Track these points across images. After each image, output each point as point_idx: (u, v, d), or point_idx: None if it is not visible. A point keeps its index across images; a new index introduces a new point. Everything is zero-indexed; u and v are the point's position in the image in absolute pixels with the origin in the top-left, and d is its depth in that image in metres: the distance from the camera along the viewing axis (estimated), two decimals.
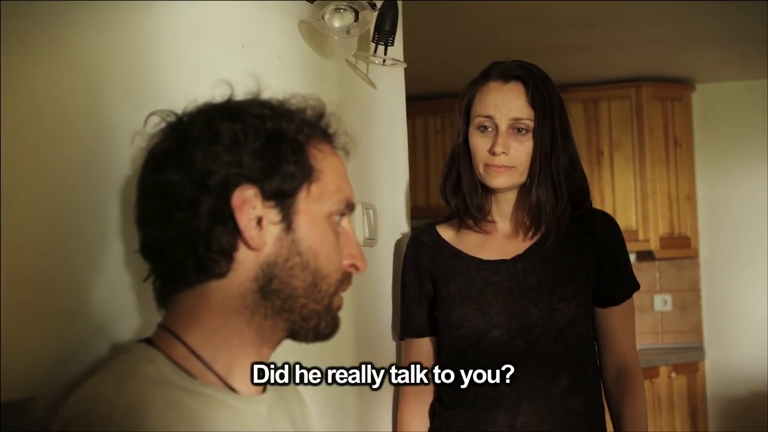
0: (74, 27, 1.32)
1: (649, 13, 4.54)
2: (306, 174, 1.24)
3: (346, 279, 1.30)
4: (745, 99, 5.87)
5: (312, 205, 1.24)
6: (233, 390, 1.25)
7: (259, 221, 1.21)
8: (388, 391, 2.36)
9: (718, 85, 5.95)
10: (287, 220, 1.23)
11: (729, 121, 5.92)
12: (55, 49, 1.28)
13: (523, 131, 2.18)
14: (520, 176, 2.21)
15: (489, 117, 2.20)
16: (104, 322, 1.34)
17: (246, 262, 1.21)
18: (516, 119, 2.18)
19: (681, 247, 5.78)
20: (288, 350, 1.34)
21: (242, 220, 1.20)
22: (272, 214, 1.22)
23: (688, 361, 5.64)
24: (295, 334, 1.28)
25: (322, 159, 1.26)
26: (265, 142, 1.21)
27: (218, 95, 1.32)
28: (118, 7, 1.41)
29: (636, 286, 2.32)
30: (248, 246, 1.21)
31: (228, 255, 1.21)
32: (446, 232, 2.33)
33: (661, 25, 4.75)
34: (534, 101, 2.18)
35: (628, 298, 2.31)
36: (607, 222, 2.30)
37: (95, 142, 1.35)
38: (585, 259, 2.25)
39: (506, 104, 2.19)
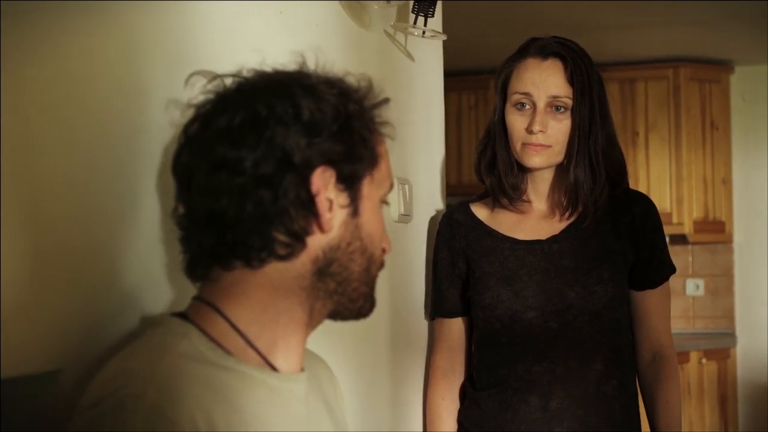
0: None
1: None
2: (372, 159, 1.24)
3: (383, 261, 1.31)
4: None
5: (373, 191, 1.25)
6: (273, 368, 1.22)
7: (330, 204, 1.20)
8: (419, 370, 2.32)
9: (757, 68, 5.87)
10: (354, 205, 1.23)
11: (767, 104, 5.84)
12: (90, 12, 1.25)
13: (561, 109, 2.14)
14: (557, 155, 2.16)
15: (527, 94, 2.15)
16: (135, 294, 1.31)
17: (311, 245, 1.20)
18: (554, 97, 2.13)
19: (715, 231, 5.72)
20: (321, 328, 1.31)
21: (321, 202, 1.18)
22: (342, 198, 1.21)
23: (719, 347, 5.59)
24: (337, 314, 1.28)
25: (381, 145, 1.27)
26: (343, 125, 1.20)
27: (256, 63, 1.29)
28: None
29: (672, 269, 2.29)
30: (321, 229, 1.20)
31: (301, 239, 1.19)
32: (480, 211, 2.28)
33: (700, 5, 4.69)
34: (573, 79, 2.13)
35: (664, 281, 2.27)
36: (645, 203, 2.26)
37: (127, 108, 1.31)
38: (622, 240, 2.21)
39: (544, 81, 2.14)
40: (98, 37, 1.26)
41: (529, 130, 2.13)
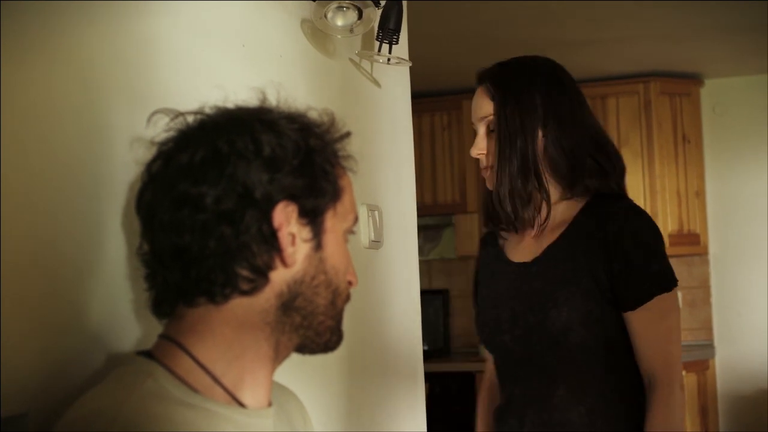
0: (71, 26, 1.30)
1: (657, 8, 4.50)
2: (335, 193, 1.25)
3: (349, 294, 1.31)
4: (754, 94, 5.82)
5: (336, 224, 1.26)
6: (241, 404, 1.22)
7: (293, 239, 1.20)
8: (394, 396, 2.32)
9: (726, 80, 5.91)
10: (317, 238, 1.23)
11: (738, 116, 5.88)
12: (51, 48, 1.26)
13: (492, 128, 2.15)
14: None
15: (473, 124, 2.21)
16: (101, 332, 1.31)
17: (275, 280, 1.20)
18: (482, 118, 2.16)
19: (690, 243, 5.75)
20: (294, 359, 1.31)
21: (283, 237, 1.19)
22: (305, 232, 1.22)
23: (698, 359, 5.60)
24: (304, 348, 1.28)
25: (343, 178, 1.28)
26: (304, 159, 1.21)
27: (218, 98, 1.30)
28: (116, 7, 1.38)
29: (658, 289, 2.08)
30: (284, 264, 1.20)
31: (264, 274, 1.19)
32: (503, 233, 2.27)
33: (669, 19, 4.72)
34: (494, 95, 2.14)
35: (645, 302, 2.07)
36: (623, 218, 2.09)
37: (91, 146, 1.32)
38: (594, 259, 2.08)
39: (475, 107, 2.19)
40: (60, 76, 1.27)
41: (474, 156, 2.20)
